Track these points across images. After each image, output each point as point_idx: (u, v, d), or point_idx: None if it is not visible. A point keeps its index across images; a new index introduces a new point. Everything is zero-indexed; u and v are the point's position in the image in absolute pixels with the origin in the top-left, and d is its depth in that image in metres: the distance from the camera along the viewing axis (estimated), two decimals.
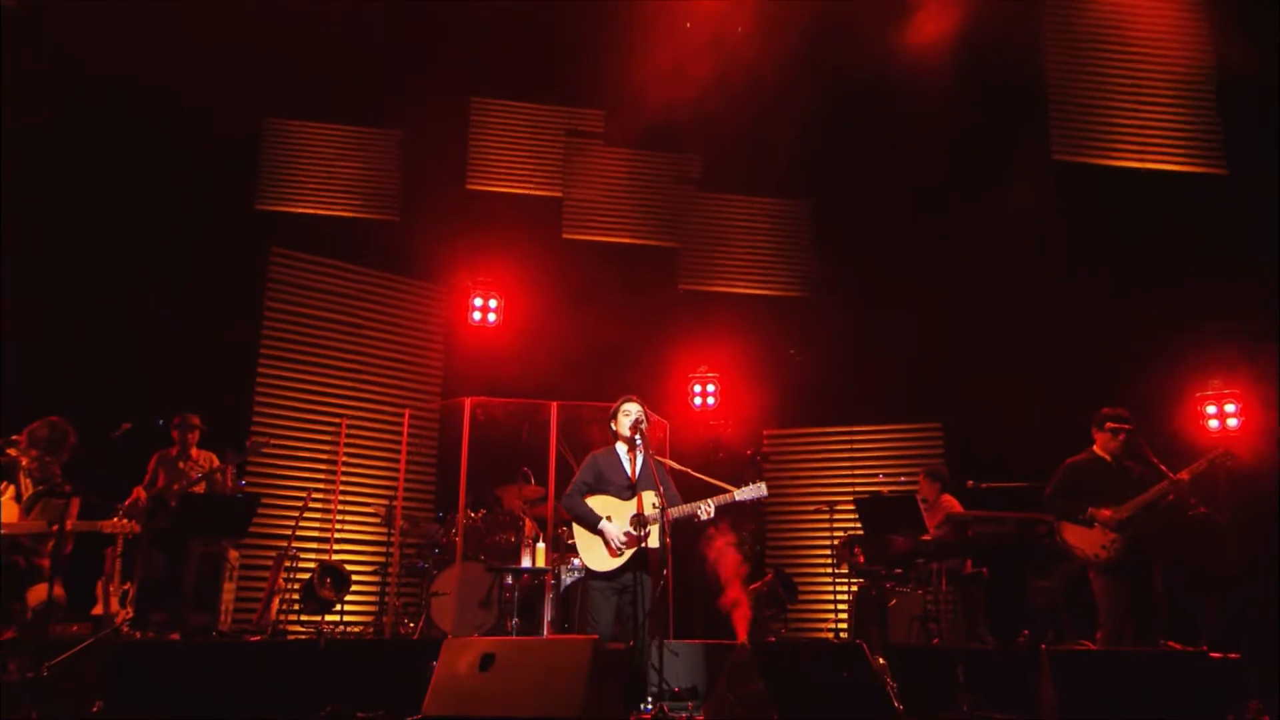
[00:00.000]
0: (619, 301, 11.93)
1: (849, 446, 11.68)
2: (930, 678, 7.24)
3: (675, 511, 6.38)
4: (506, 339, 11.48)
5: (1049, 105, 11.54)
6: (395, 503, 9.10)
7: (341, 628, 9.30)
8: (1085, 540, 7.31)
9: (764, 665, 5.57)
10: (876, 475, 10.81)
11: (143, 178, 10.61)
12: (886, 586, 8.58)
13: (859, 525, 8.79)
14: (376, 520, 9.62)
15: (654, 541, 6.34)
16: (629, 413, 6.67)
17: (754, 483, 6.34)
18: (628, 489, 6.54)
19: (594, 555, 6.47)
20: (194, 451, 8.55)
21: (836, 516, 9.81)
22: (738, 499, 6.34)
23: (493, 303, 11.46)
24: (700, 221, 12.68)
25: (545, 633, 8.11)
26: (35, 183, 9.84)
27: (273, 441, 8.58)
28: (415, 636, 8.33)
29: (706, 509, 6.36)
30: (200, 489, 8.29)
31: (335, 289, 11.07)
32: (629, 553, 6.40)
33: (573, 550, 7.02)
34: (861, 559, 8.69)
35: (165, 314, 10.11)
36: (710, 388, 11.94)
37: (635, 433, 6.50)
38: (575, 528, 6.55)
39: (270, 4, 10.35)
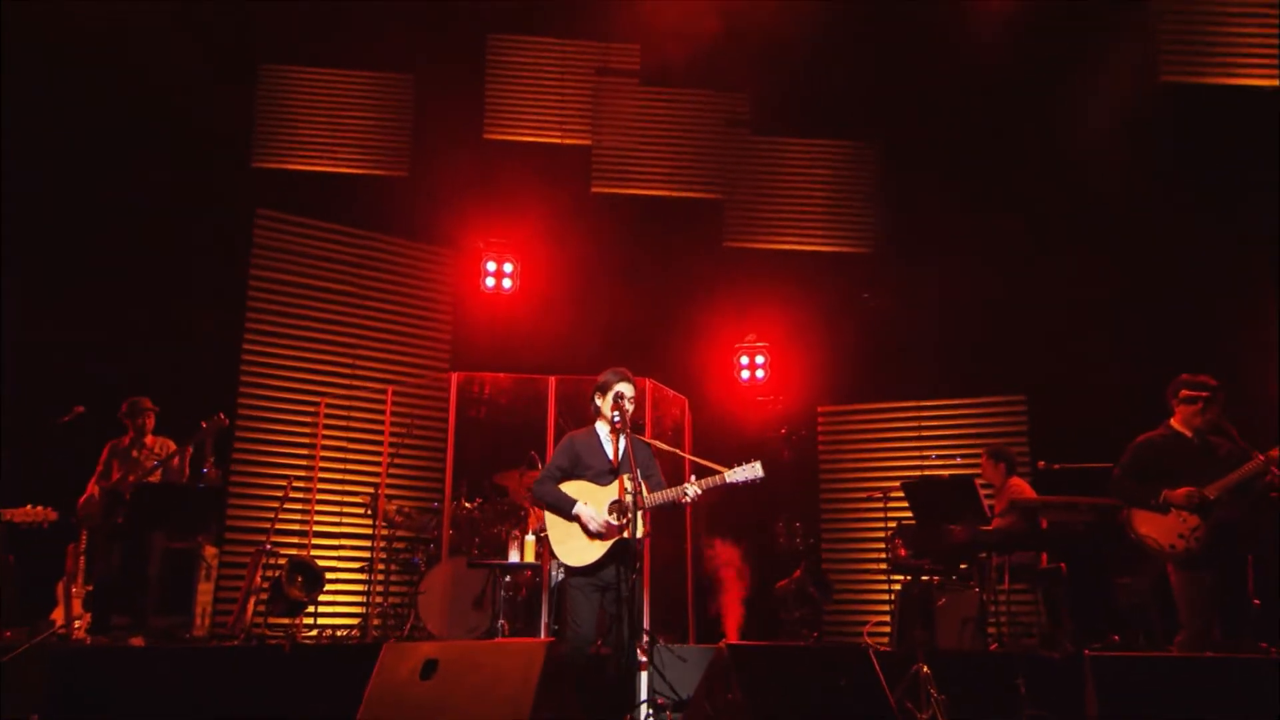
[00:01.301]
0: (655, 263, 11.88)
1: (916, 424, 11.43)
2: (986, 689, 7.05)
3: (657, 497, 6.25)
4: (526, 308, 11.47)
5: (1151, 22, 11.07)
6: (379, 490, 9.12)
7: (330, 631, 9.39)
8: (1160, 529, 6.98)
9: (744, 672, 5.42)
10: (954, 459, 10.55)
11: (122, 133, 10.76)
12: (933, 583, 8.30)
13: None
14: (364, 512, 9.67)
15: (637, 531, 6.21)
16: (619, 393, 6.54)
17: (748, 463, 6.17)
18: (608, 474, 6.43)
19: (570, 548, 6.38)
20: (149, 438, 8.66)
21: (893, 504, 9.56)
22: (728, 481, 6.18)
23: (508, 267, 11.42)
24: (749, 169, 12.46)
25: (542, 635, 8.07)
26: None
27: (228, 422, 8.60)
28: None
29: (694, 492, 6.22)
30: (156, 478, 8.39)
31: (329, 254, 11.15)
32: (609, 544, 6.29)
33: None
34: (903, 552, 8.45)
35: (145, 287, 10.28)
36: (759, 359, 11.76)
37: (617, 410, 6.36)
38: (548, 518, 6.47)
39: None
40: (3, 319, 9.71)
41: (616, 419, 6.35)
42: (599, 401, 6.58)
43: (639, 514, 6.18)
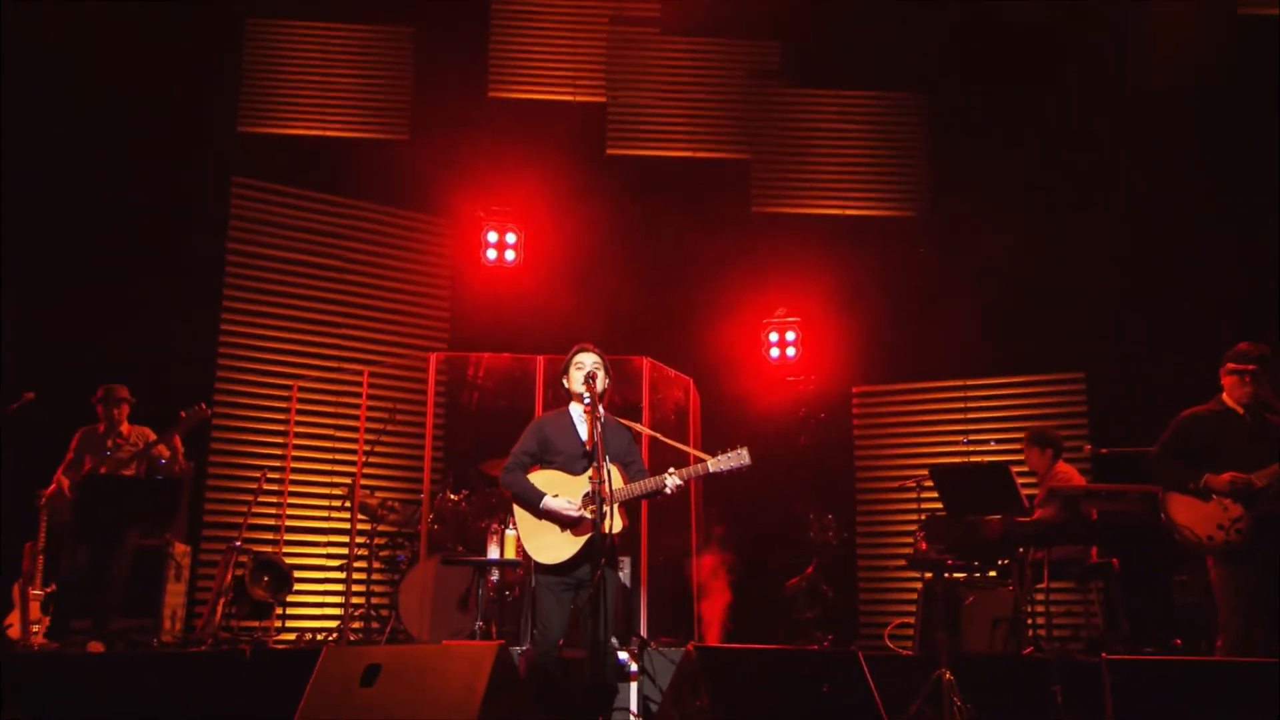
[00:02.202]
0: (675, 231, 11.83)
1: (962, 405, 11.28)
2: (1018, 697, 7.03)
3: (635, 488, 6.21)
4: (531, 282, 11.43)
5: None
6: (355, 482, 9.17)
7: (310, 635, 9.47)
8: (1198, 518, 6.80)
9: (714, 677, 5.38)
10: (988, 443, 10.40)
11: (100, 96, 10.84)
12: (959, 580, 8.20)
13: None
14: (341, 505, 9.73)
15: (615, 524, 6.17)
16: (581, 365, 6.50)
17: (735, 450, 6.12)
18: (581, 459, 6.40)
19: (541, 544, 6.35)
20: (124, 427, 8.74)
21: (929, 494, 9.42)
22: (711, 470, 6.14)
23: (510, 237, 11.40)
24: (780, 126, 12.35)
25: (525, 639, 8.07)
26: None
27: (210, 411, 8.68)
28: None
29: (674, 483, 6.17)
30: (132, 471, 8.48)
31: (315, 226, 11.22)
32: (584, 540, 6.26)
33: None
34: (924, 545, 8.35)
35: (116, 264, 10.39)
36: (790, 335, 11.67)
37: (588, 390, 6.32)
38: (516, 511, 6.45)
39: None
40: None
41: (588, 399, 6.30)
42: (565, 380, 6.56)
43: (614, 506, 6.15)
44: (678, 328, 11.19)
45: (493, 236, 11.42)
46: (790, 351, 11.65)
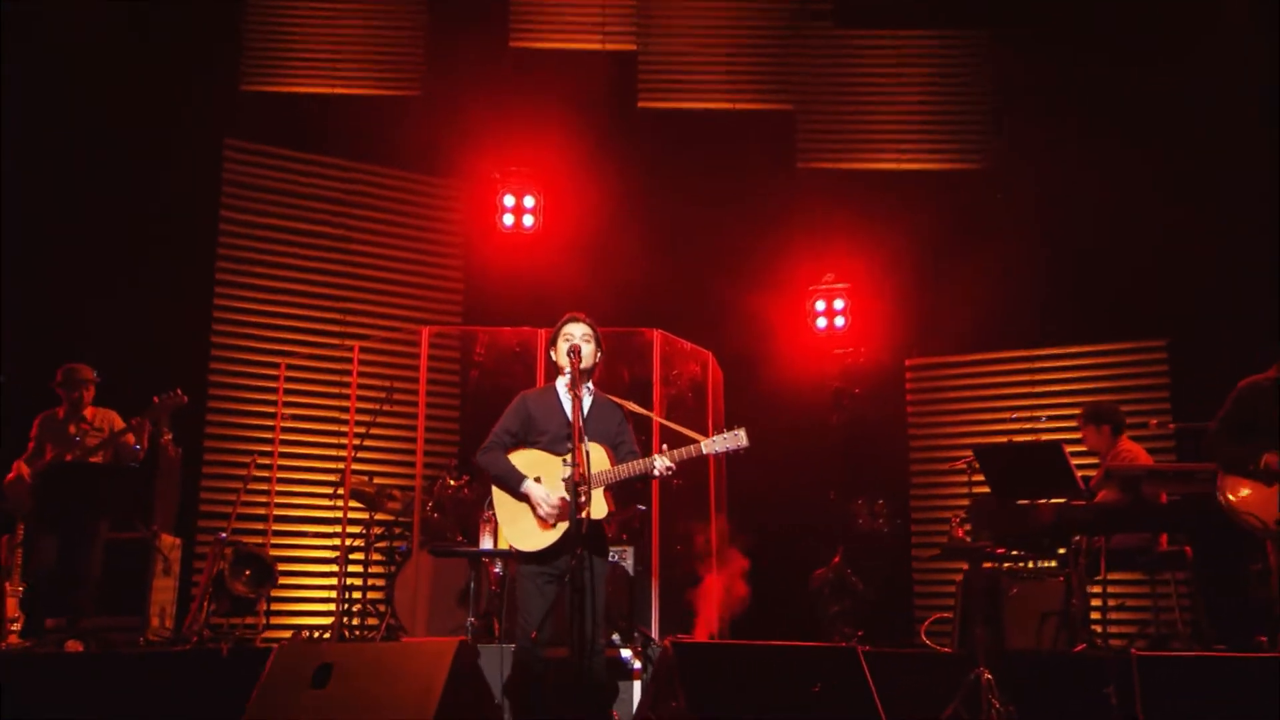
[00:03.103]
0: (713, 191, 11.74)
1: (1028, 378, 11.13)
2: (1065, 698, 7.00)
3: (621, 471, 6.20)
4: (554, 249, 11.40)
5: None
6: (346, 466, 9.24)
7: (307, 632, 9.58)
8: (1259, 501, 6.72)
9: (692, 676, 5.37)
10: (1039, 419, 10.21)
11: (95, 56, 10.94)
12: (1002, 570, 8.10)
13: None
14: (333, 493, 9.81)
15: (598, 509, 6.18)
16: (569, 335, 6.50)
17: (730, 430, 6.09)
18: (566, 439, 6.38)
19: (520, 530, 6.36)
20: (88, 411, 8.81)
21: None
22: (705, 452, 6.11)
23: (529, 201, 11.40)
24: (830, 73, 12.24)
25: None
26: None
27: (184, 400, 8.76)
28: (377, 640, 8.50)
29: (663, 465, 6.15)
30: (102, 458, 8.59)
31: (316, 192, 11.32)
32: (566, 524, 6.27)
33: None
34: (960, 532, 8.26)
35: (107, 233, 10.54)
36: (839, 304, 11.57)
37: (571, 364, 6.32)
38: (496, 493, 6.47)
39: None
40: None
41: (569, 375, 6.30)
42: (552, 353, 6.55)
43: (599, 490, 6.15)
44: (712, 297, 11.16)
45: (509, 200, 11.40)
46: (839, 321, 11.53)
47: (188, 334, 10.70)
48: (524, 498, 6.31)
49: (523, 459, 6.40)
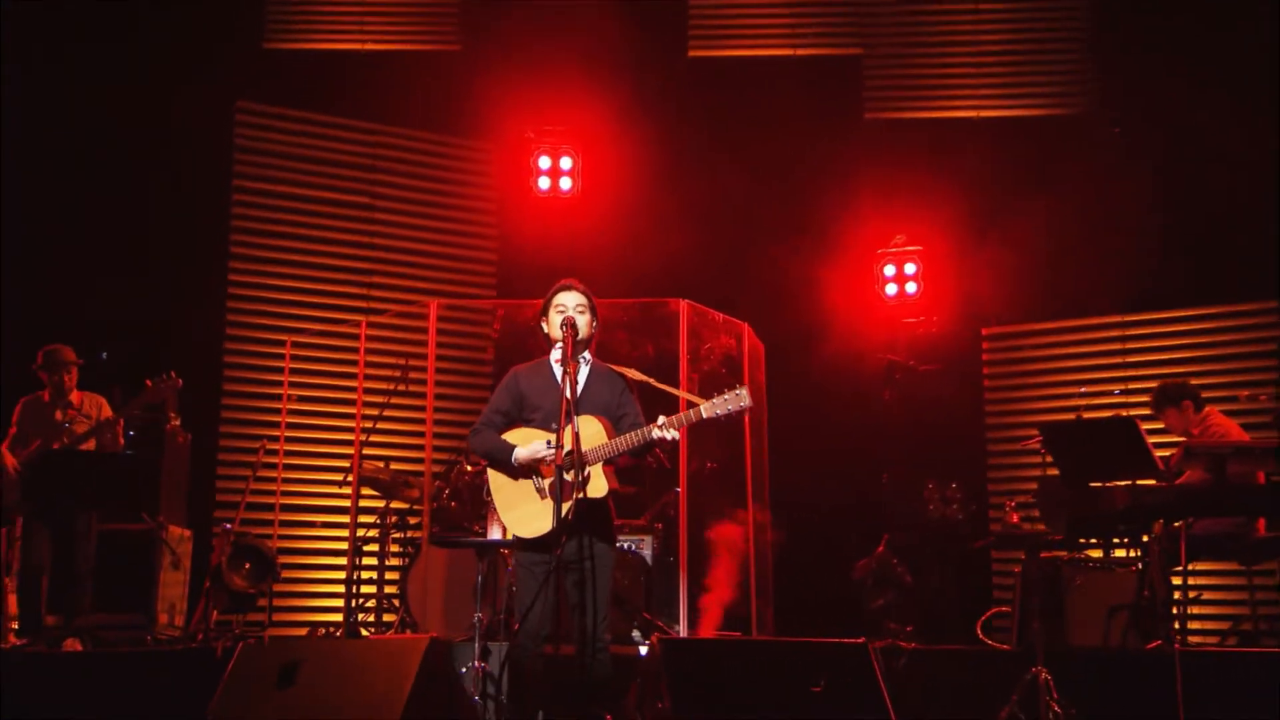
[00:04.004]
0: (770, 146, 11.69)
1: (1120, 346, 10.97)
2: (1133, 699, 6.97)
3: (619, 444, 6.21)
4: (595, 214, 11.48)
5: None
6: (355, 450, 9.33)
7: (324, 630, 9.73)
8: None
9: (679, 674, 5.39)
10: (1113, 392, 10.15)
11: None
12: (1062, 560, 8.03)
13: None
14: (343, 479, 9.91)
15: (597, 488, 6.21)
16: (562, 306, 6.52)
17: (730, 391, 6.07)
18: (570, 416, 6.42)
19: (520, 515, 6.37)
20: (74, 396, 8.90)
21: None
22: (706, 416, 6.09)
23: (565, 162, 11.45)
24: (899, 13, 12.16)
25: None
26: None
27: (180, 384, 8.89)
28: (388, 637, 8.62)
29: (662, 434, 6.15)
30: (92, 446, 8.71)
31: (336, 157, 11.45)
32: (565, 507, 6.30)
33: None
34: (1015, 518, 8.20)
35: (117, 204, 10.75)
36: (910, 268, 11.48)
37: (565, 336, 6.35)
38: (492, 477, 6.49)
39: None
40: None
41: (560, 351, 6.32)
42: (544, 326, 6.57)
43: (597, 467, 6.17)
44: (766, 265, 11.14)
45: (544, 162, 11.45)
46: (910, 288, 11.44)
47: (201, 313, 10.90)
48: (520, 470, 6.35)
49: (514, 438, 6.42)
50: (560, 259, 10.90)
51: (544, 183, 11.50)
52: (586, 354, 6.46)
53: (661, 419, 6.17)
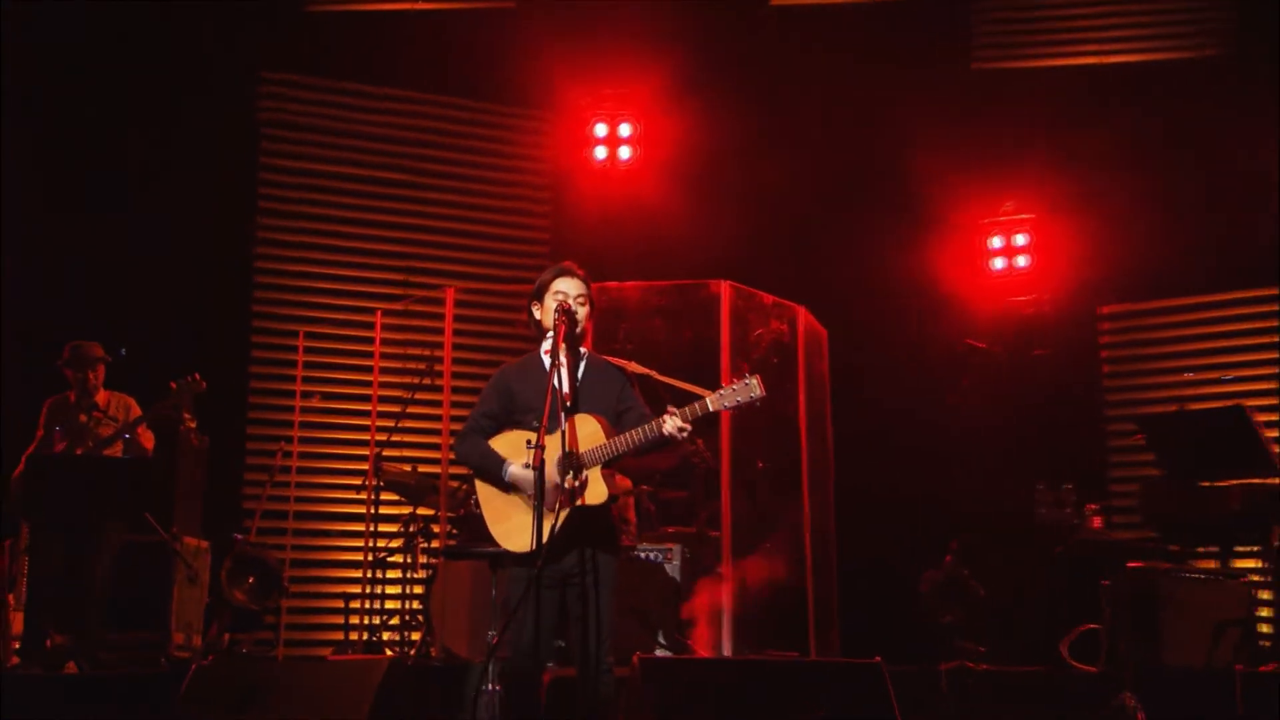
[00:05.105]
0: (860, 103, 11.62)
1: (1259, 325, 10.79)
2: None
3: (621, 443, 6.22)
4: (656, 186, 11.51)
5: None
6: (370, 450, 9.43)
7: (349, 650, 9.85)
8: None
9: (663, 699, 5.40)
10: (1226, 379, 10.12)
11: None
12: (1157, 571, 7.88)
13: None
14: (361, 484, 10.01)
15: (595, 493, 6.23)
16: (559, 293, 6.53)
17: (739, 381, 6.07)
18: (558, 414, 6.45)
19: (510, 528, 6.40)
20: (100, 396, 9.03)
21: None
22: (713, 408, 6.08)
23: (624, 130, 11.50)
24: None
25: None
26: None
27: (203, 386, 8.99)
28: (410, 661, 8.68)
29: (674, 426, 6.15)
30: (118, 450, 8.85)
31: (374, 130, 11.59)
32: (562, 519, 6.34)
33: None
34: (1096, 523, 8.08)
35: (138, 184, 10.92)
36: (1020, 239, 11.38)
37: (559, 325, 6.37)
38: (480, 488, 6.53)
39: None
40: None
41: (550, 344, 6.34)
42: (536, 312, 6.57)
43: (595, 470, 6.19)
44: (854, 238, 11.11)
45: (601, 130, 11.53)
46: (1020, 261, 11.36)
47: (226, 304, 11.08)
48: (510, 486, 6.38)
49: (507, 443, 6.43)
50: (618, 237, 11.04)
51: (600, 152, 11.55)
52: (583, 348, 6.47)
53: (668, 413, 6.16)
